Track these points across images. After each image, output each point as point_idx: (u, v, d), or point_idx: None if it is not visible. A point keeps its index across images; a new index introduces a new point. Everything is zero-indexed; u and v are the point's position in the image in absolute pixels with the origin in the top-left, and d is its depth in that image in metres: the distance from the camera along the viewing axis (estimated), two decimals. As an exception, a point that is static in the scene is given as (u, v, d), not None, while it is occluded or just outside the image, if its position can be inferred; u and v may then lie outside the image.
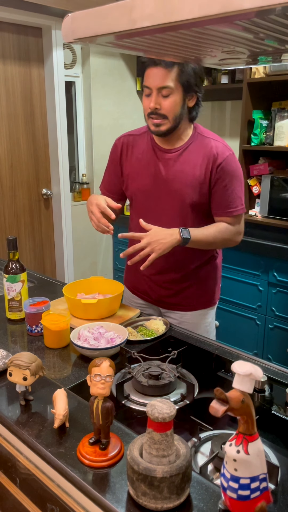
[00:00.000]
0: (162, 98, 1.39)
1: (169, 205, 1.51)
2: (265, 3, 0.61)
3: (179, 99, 1.41)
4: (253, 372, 0.68)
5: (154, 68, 1.37)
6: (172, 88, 1.38)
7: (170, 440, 0.75)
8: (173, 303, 1.65)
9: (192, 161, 1.48)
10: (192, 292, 1.63)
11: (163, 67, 1.35)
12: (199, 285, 1.63)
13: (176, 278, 1.60)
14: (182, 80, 1.38)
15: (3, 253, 3.02)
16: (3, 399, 1.07)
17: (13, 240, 1.47)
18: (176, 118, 1.43)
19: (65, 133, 3.22)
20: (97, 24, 0.84)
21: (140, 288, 1.69)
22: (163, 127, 1.43)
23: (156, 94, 1.39)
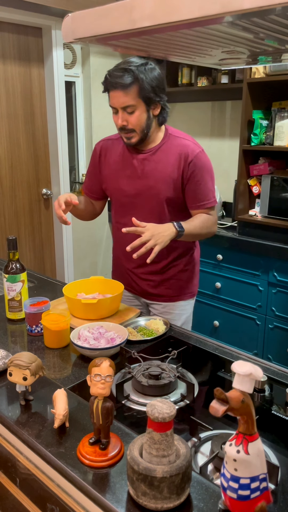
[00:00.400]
0: (128, 115, 1.50)
1: (145, 202, 1.62)
2: (265, 3, 0.61)
3: (143, 112, 1.51)
4: (253, 372, 0.68)
5: (115, 91, 1.47)
6: (135, 105, 1.48)
7: (170, 440, 0.75)
8: (156, 294, 1.75)
9: (164, 159, 1.58)
10: (173, 283, 1.73)
11: (121, 90, 1.45)
12: (179, 277, 1.73)
13: (156, 270, 1.71)
14: (141, 96, 1.47)
15: (3, 253, 3.02)
16: (3, 399, 1.07)
17: (13, 240, 1.47)
18: (143, 130, 1.54)
19: (65, 133, 3.22)
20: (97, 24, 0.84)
21: (125, 281, 1.75)
22: (133, 139, 1.55)
23: (122, 112, 1.50)
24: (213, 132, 3.39)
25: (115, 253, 1.84)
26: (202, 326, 2.99)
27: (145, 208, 1.62)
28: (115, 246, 1.82)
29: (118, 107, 1.50)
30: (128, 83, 1.44)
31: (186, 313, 1.79)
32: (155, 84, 1.48)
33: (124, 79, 1.44)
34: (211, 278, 2.90)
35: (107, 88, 1.50)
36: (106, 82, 1.49)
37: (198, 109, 3.41)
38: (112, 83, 1.45)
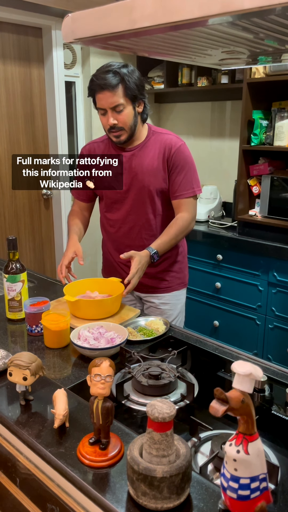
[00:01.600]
0: (117, 114, 1.58)
1: (136, 195, 1.71)
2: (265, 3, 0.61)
3: (130, 110, 1.60)
4: (253, 372, 0.68)
5: (102, 92, 1.54)
6: (123, 103, 1.57)
7: (170, 440, 0.75)
8: (151, 286, 1.81)
9: (150, 154, 1.69)
10: (166, 275, 1.82)
11: (110, 90, 1.53)
12: (171, 268, 1.83)
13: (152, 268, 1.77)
14: (128, 94, 1.56)
15: (3, 253, 3.02)
16: (3, 399, 1.07)
17: (13, 240, 1.47)
18: (131, 127, 1.63)
19: (65, 133, 3.22)
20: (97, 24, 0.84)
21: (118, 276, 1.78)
22: (122, 137, 1.64)
23: (111, 112, 1.58)
24: (213, 132, 3.39)
25: (105, 250, 1.89)
26: (202, 326, 2.99)
27: (137, 202, 1.71)
28: (106, 243, 1.87)
29: (107, 108, 1.56)
30: (115, 83, 1.52)
31: (180, 303, 1.89)
32: (138, 83, 1.58)
33: (111, 80, 1.51)
34: (211, 278, 2.90)
35: (94, 90, 1.56)
36: (93, 85, 1.55)
37: (198, 109, 3.41)
38: (100, 85, 1.52)
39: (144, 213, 1.72)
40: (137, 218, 1.73)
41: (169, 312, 1.84)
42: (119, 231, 1.76)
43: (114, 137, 1.64)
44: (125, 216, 1.73)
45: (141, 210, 1.72)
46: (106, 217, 1.81)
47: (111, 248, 1.84)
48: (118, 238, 1.78)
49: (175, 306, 1.86)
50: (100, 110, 1.60)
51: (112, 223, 1.78)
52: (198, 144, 3.46)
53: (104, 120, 1.61)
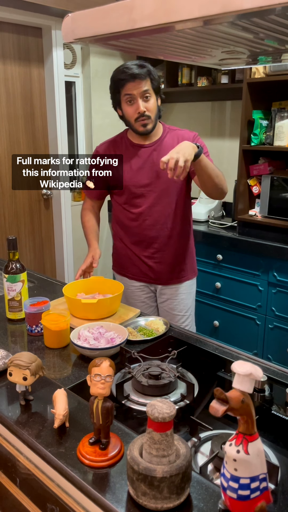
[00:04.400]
0: (145, 102, 1.70)
1: (159, 188, 1.79)
2: (265, 3, 0.61)
3: (155, 101, 1.74)
4: (253, 372, 0.68)
5: (134, 81, 1.68)
6: (150, 91, 1.71)
7: (170, 440, 0.75)
8: (171, 278, 1.91)
9: (169, 147, 1.71)
10: (183, 264, 1.91)
11: (141, 79, 1.67)
12: (186, 257, 1.93)
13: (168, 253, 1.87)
14: (153, 85, 1.72)
15: (3, 253, 3.02)
16: (3, 399, 1.07)
17: (13, 240, 1.47)
18: (156, 116, 1.76)
19: (65, 133, 3.22)
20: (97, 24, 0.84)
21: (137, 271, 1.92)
22: (149, 126, 1.74)
23: (140, 100, 1.69)
24: (213, 132, 3.39)
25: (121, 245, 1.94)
26: (202, 326, 2.98)
27: (161, 193, 1.79)
28: (122, 238, 1.91)
29: (137, 94, 1.68)
30: (145, 74, 1.68)
31: (193, 290, 2.00)
32: (159, 80, 1.76)
33: (142, 71, 1.67)
34: (211, 278, 2.90)
35: (126, 80, 1.68)
36: (126, 75, 1.67)
37: (198, 109, 3.41)
38: (133, 75, 1.66)
39: (169, 204, 1.80)
40: (163, 209, 1.80)
41: (185, 302, 1.93)
42: (143, 224, 1.82)
43: (141, 126, 1.73)
44: (150, 208, 1.79)
45: (165, 201, 1.79)
46: (128, 211, 1.85)
47: (129, 242, 1.88)
48: (142, 231, 1.83)
49: (188, 295, 1.96)
50: (128, 98, 1.70)
51: (135, 216, 1.82)
52: (198, 144, 3.45)
53: (131, 109, 1.71)
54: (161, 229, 1.82)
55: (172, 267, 1.89)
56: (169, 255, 1.87)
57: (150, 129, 1.75)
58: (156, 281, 1.91)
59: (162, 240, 1.83)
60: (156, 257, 1.87)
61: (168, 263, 1.88)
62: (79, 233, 3.57)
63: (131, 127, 1.78)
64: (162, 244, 1.85)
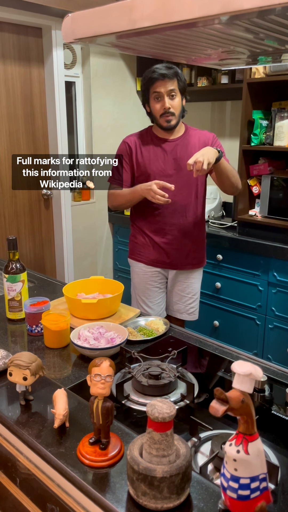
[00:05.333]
0: (171, 99, 1.91)
1: (183, 179, 1.98)
2: (265, 3, 0.61)
3: (180, 100, 1.95)
4: (253, 372, 0.68)
5: (164, 80, 1.88)
6: (176, 90, 1.91)
7: (170, 440, 0.75)
8: (185, 264, 2.11)
9: (191, 143, 2.01)
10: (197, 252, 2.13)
11: (169, 79, 1.88)
12: (198, 245, 2.14)
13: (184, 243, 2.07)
14: (180, 86, 1.92)
15: (3, 253, 3.02)
16: (3, 399, 1.07)
17: (13, 240, 1.47)
18: (180, 114, 1.97)
19: (65, 133, 3.22)
20: (97, 24, 0.84)
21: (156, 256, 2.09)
22: (173, 122, 1.95)
23: (166, 98, 1.90)
24: (213, 132, 3.38)
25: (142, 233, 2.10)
26: (202, 326, 2.98)
27: (182, 185, 1.98)
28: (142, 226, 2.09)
29: (164, 92, 1.89)
30: (173, 74, 1.88)
31: (201, 277, 2.22)
32: (185, 82, 1.96)
33: (170, 72, 1.88)
34: (211, 278, 2.89)
35: (156, 79, 1.88)
36: (156, 74, 1.88)
37: (198, 109, 3.40)
38: (163, 74, 1.87)
39: (188, 195, 2.01)
40: (183, 199, 2.00)
41: (193, 285, 2.17)
42: (164, 212, 2.01)
43: (165, 121, 1.94)
44: (171, 197, 1.89)
45: (186, 192, 2.00)
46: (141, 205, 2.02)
47: (148, 229, 2.06)
48: (162, 218, 2.03)
49: (198, 281, 2.19)
50: (156, 95, 1.90)
51: (156, 205, 1.97)
52: (198, 144, 3.45)
53: (158, 105, 1.92)
54: (180, 217, 2.01)
55: (187, 254, 2.08)
56: (186, 242, 2.06)
57: (173, 125, 1.95)
58: (172, 266, 2.10)
59: (180, 228, 2.03)
60: (174, 244, 2.05)
61: (184, 250, 2.07)
62: (79, 233, 3.58)
63: (157, 122, 1.97)
64: (180, 232, 2.04)
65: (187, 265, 2.12)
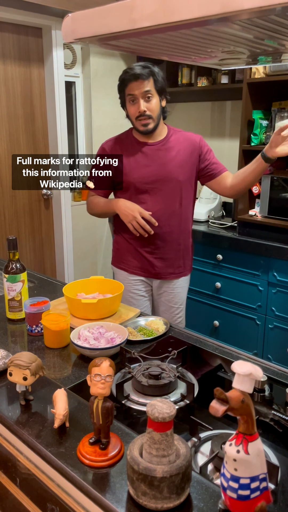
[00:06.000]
0: (147, 102, 1.77)
1: (164, 185, 1.85)
2: (265, 3, 0.61)
3: (157, 101, 1.79)
4: (253, 372, 0.68)
5: (136, 81, 1.74)
6: (152, 91, 1.76)
7: (170, 440, 0.75)
8: (170, 273, 1.98)
9: (175, 147, 1.87)
10: (182, 261, 1.99)
11: (143, 79, 1.73)
12: (184, 254, 2.00)
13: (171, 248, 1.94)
14: (157, 87, 1.77)
15: (3, 253, 3.02)
16: (3, 399, 1.07)
17: (13, 240, 1.47)
18: (158, 116, 1.81)
19: (65, 133, 3.22)
20: (97, 24, 0.84)
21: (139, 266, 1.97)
22: (150, 125, 1.80)
23: (142, 100, 1.76)
24: (213, 132, 3.39)
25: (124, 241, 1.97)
26: (202, 326, 2.99)
27: (166, 192, 1.86)
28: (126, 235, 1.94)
29: (138, 94, 1.75)
30: (147, 74, 1.74)
31: (187, 285, 2.09)
32: (163, 81, 1.80)
33: (144, 71, 1.73)
34: (211, 278, 2.89)
35: (129, 80, 1.75)
36: (129, 75, 1.75)
37: (198, 109, 3.40)
38: (135, 75, 1.73)
39: (172, 202, 1.87)
40: (166, 206, 1.86)
41: (180, 295, 2.03)
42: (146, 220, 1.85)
43: (142, 125, 1.80)
44: (154, 205, 1.84)
45: (170, 199, 1.86)
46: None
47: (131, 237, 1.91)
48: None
49: (184, 290, 2.06)
50: (130, 98, 1.78)
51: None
52: (198, 144, 3.45)
53: (133, 108, 1.79)
54: (163, 226, 1.87)
55: (172, 263, 1.96)
56: (170, 251, 1.93)
57: (151, 129, 1.80)
58: (155, 276, 1.97)
59: (164, 236, 1.89)
60: (157, 253, 1.93)
61: (168, 259, 1.94)
62: (79, 233, 3.58)
63: (133, 125, 1.85)
64: (163, 241, 1.90)
65: (171, 274, 1.99)
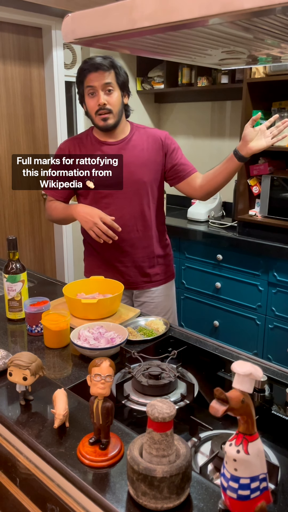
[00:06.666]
0: (107, 95, 1.63)
1: (131, 188, 1.70)
2: (265, 3, 0.61)
3: (119, 95, 1.67)
4: (253, 372, 0.68)
5: (96, 72, 1.61)
6: (114, 85, 1.64)
7: (170, 440, 0.75)
8: (145, 282, 1.84)
9: (138, 146, 1.73)
10: (156, 268, 1.84)
11: (104, 70, 1.61)
12: (158, 261, 1.84)
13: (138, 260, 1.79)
14: (118, 80, 1.65)
15: (3, 253, 3.02)
16: (3, 399, 1.07)
17: (13, 240, 1.47)
18: (119, 112, 1.68)
19: (65, 133, 3.22)
20: (97, 24, 0.84)
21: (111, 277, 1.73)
22: (110, 120, 1.67)
23: (102, 93, 1.63)
24: (213, 132, 3.39)
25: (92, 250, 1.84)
26: (202, 326, 2.99)
27: (131, 194, 1.71)
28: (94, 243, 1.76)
29: (99, 86, 1.62)
30: (109, 66, 1.62)
31: (171, 292, 1.94)
32: (125, 76, 1.68)
33: (105, 62, 1.61)
34: (211, 278, 2.90)
35: (88, 70, 1.61)
36: (88, 65, 1.62)
37: (198, 109, 3.40)
38: (95, 65, 1.60)
39: (139, 205, 1.73)
40: (133, 210, 1.72)
41: (163, 304, 1.87)
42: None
43: (101, 120, 1.66)
44: (119, 209, 1.70)
45: (135, 202, 1.72)
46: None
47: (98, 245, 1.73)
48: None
49: (167, 298, 1.90)
50: (89, 90, 1.64)
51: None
52: (198, 144, 3.46)
53: (93, 101, 1.65)
54: (130, 231, 1.73)
55: (144, 271, 1.81)
56: (141, 259, 1.79)
57: (111, 124, 1.67)
58: (129, 285, 1.80)
59: (133, 243, 1.74)
60: (126, 261, 1.78)
61: (139, 267, 1.79)
62: (79, 233, 3.57)
63: (93, 121, 1.71)
64: (132, 247, 1.76)
65: (147, 283, 1.83)
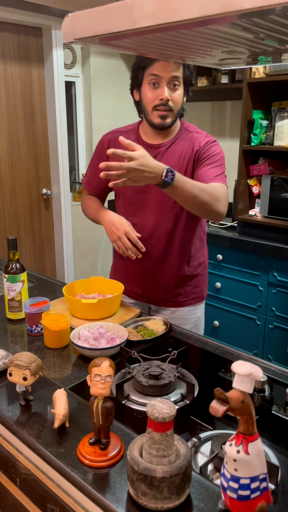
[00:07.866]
0: (172, 90, 1.44)
1: (158, 198, 1.53)
2: (265, 3, 0.61)
3: (182, 94, 1.48)
4: (253, 372, 0.68)
5: (166, 61, 1.40)
6: (180, 80, 1.45)
7: (170, 440, 0.75)
8: (164, 300, 1.68)
9: (177, 153, 1.54)
10: (181, 288, 1.67)
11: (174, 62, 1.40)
12: (186, 280, 1.66)
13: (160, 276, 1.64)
14: (185, 76, 1.46)
15: (3, 253, 3.02)
16: (3, 399, 1.07)
17: (13, 240, 1.47)
18: (179, 112, 1.50)
19: (65, 133, 3.22)
20: (97, 24, 0.84)
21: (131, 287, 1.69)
22: (168, 119, 1.48)
23: (167, 87, 1.43)
24: (213, 132, 3.39)
25: (117, 255, 1.70)
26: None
27: (159, 205, 1.54)
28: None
29: (165, 77, 1.42)
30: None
31: (196, 316, 1.73)
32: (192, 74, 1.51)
33: None
34: (211, 278, 2.88)
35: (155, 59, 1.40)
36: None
37: (198, 109, 3.40)
38: None
39: (166, 218, 1.55)
40: (159, 223, 1.56)
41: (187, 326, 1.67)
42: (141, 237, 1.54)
43: (159, 116, 1.47)
44: (144, 219, 1.56)
45: (163, 215, 1.55)
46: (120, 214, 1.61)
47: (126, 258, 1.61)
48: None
49: (186, 321, 1.70)
50: (152, 79, 1.43)
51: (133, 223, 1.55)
52: (198, 144, 3.45)
53: (154, 93, 1.44)
54: (155, 245, 1.58)
55: (166, 289, 1.65)
56: (163, 275, 1.63)
57: (168, 124, 1.49)
58: (146, 299, 1.69)
59: (156, 257, 1.59)
60: (148, 275, 1.64)
61: (161, 284, 1.64)
62: (79, 233, 3.58)
63: (146, 116, 1.51)
64: (155, 262, 1.61)
65: (168, 302, 1.67)
